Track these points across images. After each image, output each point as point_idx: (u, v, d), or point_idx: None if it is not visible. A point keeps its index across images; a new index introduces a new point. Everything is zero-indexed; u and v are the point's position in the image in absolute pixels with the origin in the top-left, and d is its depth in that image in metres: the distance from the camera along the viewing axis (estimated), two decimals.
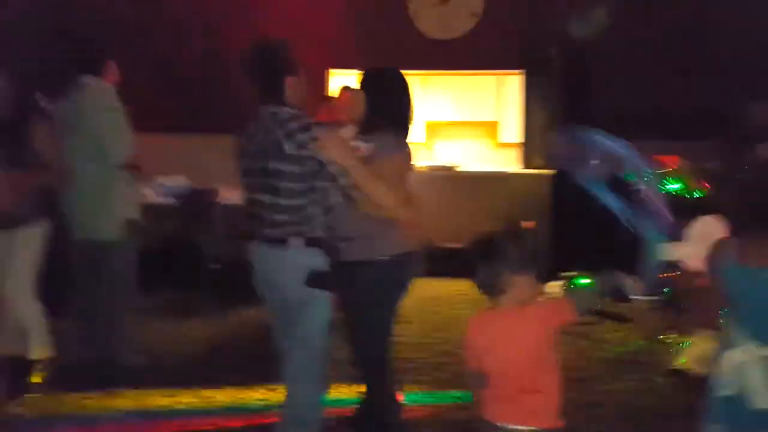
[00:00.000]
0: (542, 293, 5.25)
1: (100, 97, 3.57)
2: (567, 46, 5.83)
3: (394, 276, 2.51)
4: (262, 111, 2.36)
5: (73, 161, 3.39)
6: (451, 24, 6.35)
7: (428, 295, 5.07)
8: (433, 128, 6.67)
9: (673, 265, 3.15)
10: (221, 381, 3.48)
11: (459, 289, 5.23)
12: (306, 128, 2.28)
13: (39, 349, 3.33)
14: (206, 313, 4.75)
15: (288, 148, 2.24)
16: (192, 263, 5.23)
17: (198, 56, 6.22)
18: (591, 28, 5.77)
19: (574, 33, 5.83)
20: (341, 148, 2.32)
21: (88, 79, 3.56)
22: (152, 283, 4.22)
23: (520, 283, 1.82)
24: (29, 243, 3.21)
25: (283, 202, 2.29)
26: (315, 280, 2.30)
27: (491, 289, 1.85)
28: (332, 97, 4.90)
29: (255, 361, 3.58)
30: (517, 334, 1.82)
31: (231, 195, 5.43)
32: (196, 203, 5.35)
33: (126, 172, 3.59)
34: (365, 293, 2.48)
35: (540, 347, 1.81)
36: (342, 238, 2.41)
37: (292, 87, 2.34)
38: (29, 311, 3.28)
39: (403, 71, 2.74)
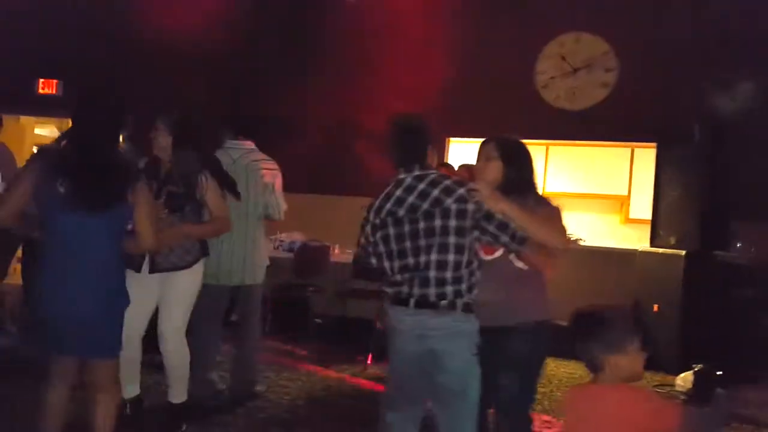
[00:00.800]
0: (668, 385, 4.81)
1: (258, 157, 4.01)
2: (705, 119, 5.49)
3: (542, 341, 2.57)
4: (405, 176, 2.47)
5: (235, 214, 3.72)
6: (580, 95, 6.28)
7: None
8: (557, 200, 6.47)
9: None
10: None
11: (570, 370, 4.99)
12: (460, 184, 2.42)
13: (180, 393, 3.48)
14: (303, 364, 4.94)
15: (450, 203, 2.35)
16: (298, 315, 5.43)
17: (324, 124, 6.60)
18: (732, 101, 5.42)
19: (714, 106, 5.50)
20: (500, 197, 2.39)
21: (244, 142, 4.01)
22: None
23: (616, 363, 1.78)
24: (189, 286, 3.42)
25: (452, 258, 2.34)
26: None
27: (589, 365, 1.84)
28: (449, 165, 5.03)
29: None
30: (602, 417, 1.74)
31: (342, 253, 5.70)
32: (309, 258, 5.59)
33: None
34: (514, 360, 2.51)
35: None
36: (485, 302, 2.42)
37: (430, 155, 2.55)
38: (179, 351, 3.44)
39: (526, 141, 2.85)
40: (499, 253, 2.51)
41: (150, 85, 6.45)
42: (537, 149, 6.49)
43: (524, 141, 2.81)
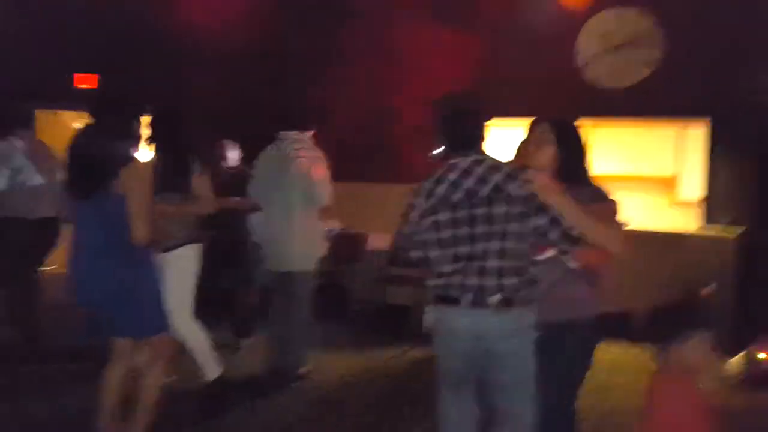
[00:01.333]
0: (723, 369, 4.63)
1: (299, 146, 4.12)
2: (761, 93, 5.25)
3: (592, 338, 2.49)
4: (460, 160, 2.35)
5: (278, 203, 4.01)
6: (624, 72, 6.07)
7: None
8: (602, 182, 6.30)
9: None
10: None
11: (615, 354, 4.89)
12: (519, 169, 2.32)
13: (211, 369, 3.64)
14: (343, 348, 5.02)
15: (511, 189, 2.24)
16: (337, 302, 5.44)
17: (356, 112, 6.54)
18: None
19: None
20: (556, 188, 2.23)
21: (295, 134, 4.14)
22: None
23: (685, 352, 1.82)
24: (181, 264, 3.50)
25: (514, 246, 2.22)
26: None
27: (660, 354, 1.89)
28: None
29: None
30: (664, 404, 1.79)
31: (380, 241, 5.69)
32: (347, 246, 5.60)
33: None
34: (564, 357, 2.39)
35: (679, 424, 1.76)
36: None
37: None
38: (190, 332, 3.53)
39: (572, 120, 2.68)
40: (550, 253, 2.32)
41: (185, 79, 6.50)
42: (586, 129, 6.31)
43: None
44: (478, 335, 2.22)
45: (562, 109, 6.04)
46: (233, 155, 4.96)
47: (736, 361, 4.51)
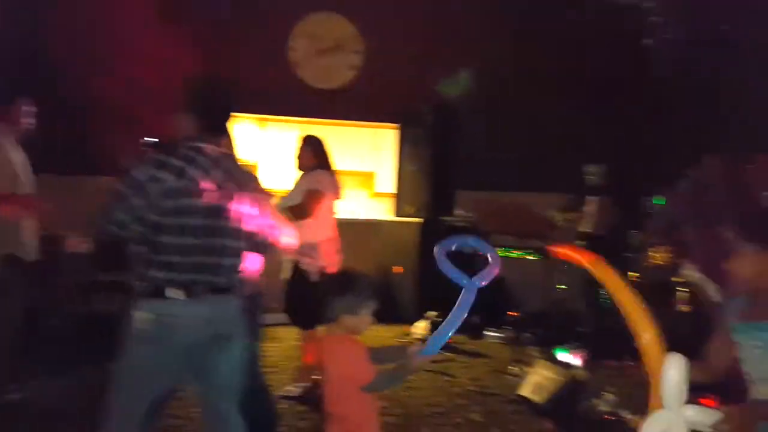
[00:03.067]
0: (411, 331, 5.63)
1: None
2: (439, 103, 6.41)
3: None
4: (206, 146, 2.28)
5: None
6: (331, 75, 6.72)
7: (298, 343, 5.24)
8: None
9: None
10: None
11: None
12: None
13: None
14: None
15: (247, 186, 2.36)
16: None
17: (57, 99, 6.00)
18: (459, 89, 6.43)
19: (445, 93, 6.46)
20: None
21: None
22: None
23: (348, 321, 2.20)
24: None
25: (232, 244, 2.28)
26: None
27: (327, 318, 2.23)
28: None
29: None
30: (331, 363, 2.19)
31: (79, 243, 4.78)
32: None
33: None
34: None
35: (342, 381, 2.16)
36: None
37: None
38: None
39: (284, 119, 3.07)
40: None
41: None
42: (291, 127, 6.89)
43: (277, 118, 3.03)
44: (211, 320, 2.25)
45: (275, 107, 6.58)
46: None
47: (420, 325, 5.49)
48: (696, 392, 3.97)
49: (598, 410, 3.77)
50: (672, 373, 1.64)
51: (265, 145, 6.73)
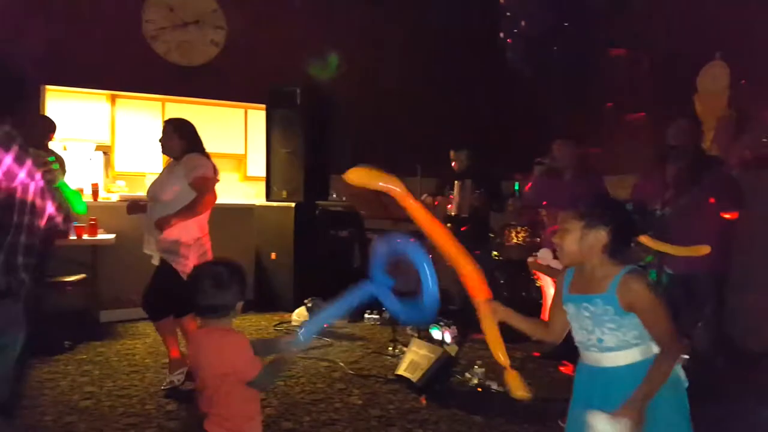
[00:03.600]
0: (285, 322, 5.59)
1: None
2: (307, 83, 6.33)
3: None
4: None
5: None
6: (192, 51, 6.40)
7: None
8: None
9: None
10: None
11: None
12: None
13: None
14: None
15: (35, 177, 2.09)
16: None
17: None
18: (329, 70, 6.39)
19: (315, 74, 6.40)
20: None
21: None
22: None
23: (236, 308, 2.15)
24: None
25: (30, 240, 2.07)
26: None
27: (214, 311, 2.12)
28: None
29: None
30: (211, 358, 2.07)
31: None
32: None
33: None
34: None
35: (225, 378, 2.05)
36: None
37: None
38: None
39: (144, 95, 2.91)
40: None
41: None
42: (153, 105, 6.53)
43: (139, 95, 2.89)
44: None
45: (132, 83, 6.18)
46: None
47: (300, 311, 5.46)
48: (555, 359, 4.30)
49: (469, 383, 3.98)
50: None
51: (120, 125, 6.32)
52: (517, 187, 6.39)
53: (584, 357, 1.98)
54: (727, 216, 3.81)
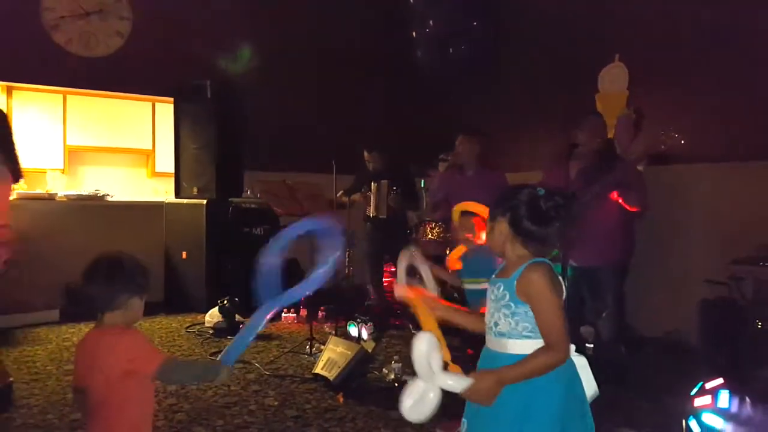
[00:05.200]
0: (198, 324, 5.46)
1: None
2: (218, 77, 6.20)
3: None
4: None
5: None
6: (95, 42, 6.13)
7: (69, 343, 4.82)
8: (77, 154, 6.37)
9: None
10: None
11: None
12: None
13: None
14: None
15: None
16: None
17: None
18: (241, 63, 6.28)
19: (226, 67, 6.27)
20: None
21: None
22: None
23: (133, 306, 2.01)
24: None
25: None
26: None
27: (103, 307, 1.99)
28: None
29: None
30: (104, 358, 1.94)
31: None
32: None
33: None
34: None
35: (123, 377, 1.93)
36: None
37: None
38: None
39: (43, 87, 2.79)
40: None
41: None
42: (53, 98, 6.19)
43: (39, 87, 2.80)
44: None
45: (31, 74, 5.85)
46: None
47: (213, 312, 5.34)
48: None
49: (386, 378, 4.05)
50: (420, 345, 1.78)
51: (17, 118, 5.96)
52: (423, 184, 6.54)
53: (486, 340, 2.05)
54: (631, 210, 4.02)
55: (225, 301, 5.25)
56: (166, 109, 6.55)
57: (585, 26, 5.70)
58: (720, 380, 2.98)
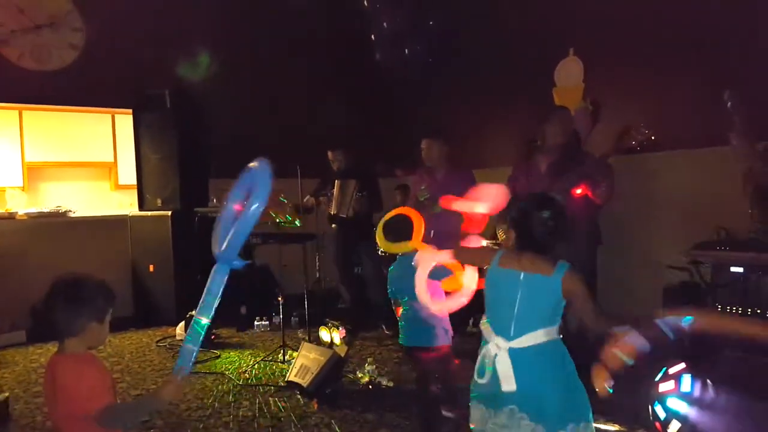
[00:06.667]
0: (170, 337, 5.42)
1: None
2: (177, 85, 6.14)
3: None
4: None
5: None
6: (48, 55, 6.02)
7: (36, 365, 4.75)
8: (37, 170, 6.26)
9: None
10: None
11: None
12: None
13: None
14: None
15: None
16: None
17: None
18: (199, 70, 6.23)
19: (185, 76, 6.21)
20: None
21: None
22: None
23: (91, 330, 1.96)
24: None
25: None
26: None
27: (62, 332, 1.95)
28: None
29: None
30: (59, 389, 1.90)
31: None
32: None
33: None
34: None
35: (72, 407, 1.89)
36: None
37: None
38: None
39: None
40: None
41: None
42: (8, 114, 6.08)
43: None
44: None
45: None
46: None
47: (182, 326, 5.31)
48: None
49: (360, 381, 4.08)
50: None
51: None
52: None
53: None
54: (597, 202, 4.08)
55: (194, 313, 5.20)
56: (126, 120, 6.45)
57: (539, 21, 5.78)
58: (682, 365, 3.06)
